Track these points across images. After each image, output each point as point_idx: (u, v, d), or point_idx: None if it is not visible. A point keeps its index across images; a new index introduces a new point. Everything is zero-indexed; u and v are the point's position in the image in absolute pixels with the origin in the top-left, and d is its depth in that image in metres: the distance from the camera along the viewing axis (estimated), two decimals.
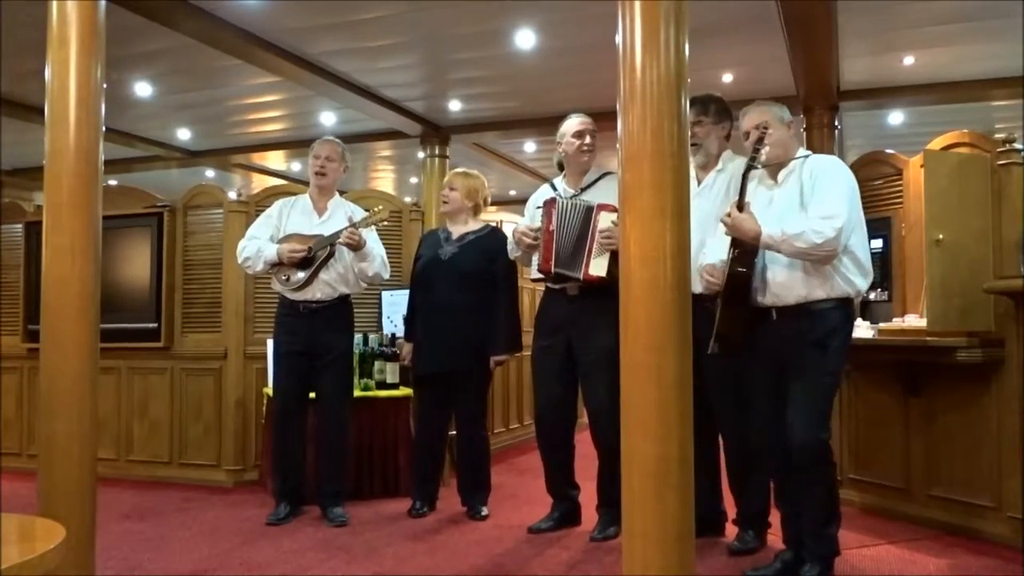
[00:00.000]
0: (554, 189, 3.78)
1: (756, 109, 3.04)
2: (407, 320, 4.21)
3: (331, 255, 3.90)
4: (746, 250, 2.86)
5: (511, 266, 4.04)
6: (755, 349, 2.96)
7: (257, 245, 3.97)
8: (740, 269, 2.86)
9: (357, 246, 3.84)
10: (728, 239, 2.95)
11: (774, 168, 2.99)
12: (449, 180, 4.19)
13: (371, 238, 3.99)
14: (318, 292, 3.92)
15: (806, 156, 3.00)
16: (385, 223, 4.15)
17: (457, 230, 4.12)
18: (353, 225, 3.84)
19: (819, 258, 2.77)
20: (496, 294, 3.98)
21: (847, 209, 2.78)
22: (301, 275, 3.88)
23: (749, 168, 2.90)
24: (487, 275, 3.98)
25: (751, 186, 3.01)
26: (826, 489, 2.89)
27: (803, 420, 2.82)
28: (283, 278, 3.93)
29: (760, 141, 2.87)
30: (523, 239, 3.70)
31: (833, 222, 2.73)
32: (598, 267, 3.48)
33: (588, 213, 3.51)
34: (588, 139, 3.69)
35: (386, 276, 4.09)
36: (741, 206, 2.86)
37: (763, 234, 2.79)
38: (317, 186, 4.09)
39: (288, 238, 3.96)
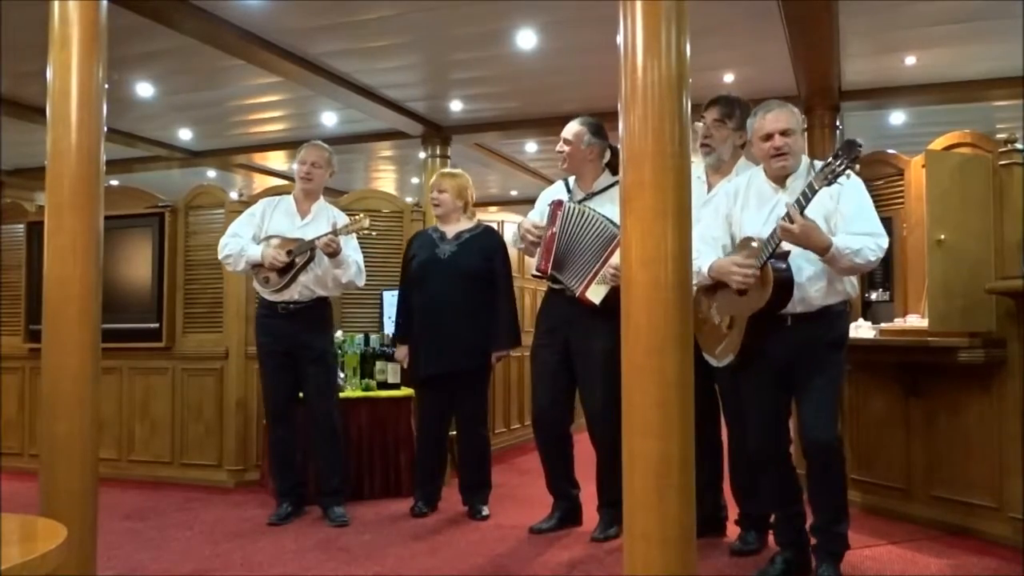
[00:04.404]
0: (568, 189, 3.76)
1: (783, 111, 2.88)
2: (399, 321, 4.20)
3: (311, 259, 3.91)
4: (782, 253, 2.80)
5: (508, 263, 4.10)
6: (763, 354, 2.91)
7: (240, 244, 3.97)
8: (782, 266, 2.79)
9: (334, 253, 3.85)
10: (718, 244, 2.98)
11: (780, 175, 2.91)
12: (436, 183, 4.17)
13: (350, 246, 4.00)
14: (296, 293, 3.94)
15: (809, 163, 2.92)
16: (368, 232, 4.14)
17: (451, 229, 4.12)
18: (334, 232, 3.85)
19: (861, 271, 2.93)
20: (494, 292, 4.00)
21: (880, 223, 2.85)
22: (281, 277, 3.90)
23: (829, 182, 2.66)
24: (486, 273, 4.01)
25: (750, 189, 2.99)
26: (838, 486, 2.92)
27: (822, 420, 2.84)
28: (263, 279, 3.95)
29: (836, 173, 2.66)
30: (527, 236, 3.69)
31: (881, 240, 2.79)
32: (596, 293, 3.47)
33: (610, 240, 3.43)
34: (558, 147, 3.70)
35: (360, 284, 4.10)
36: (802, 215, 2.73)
37: (833, 246, 2.71)
38: (302, 190, 4.09)
39: (270, 238, 3.97)
